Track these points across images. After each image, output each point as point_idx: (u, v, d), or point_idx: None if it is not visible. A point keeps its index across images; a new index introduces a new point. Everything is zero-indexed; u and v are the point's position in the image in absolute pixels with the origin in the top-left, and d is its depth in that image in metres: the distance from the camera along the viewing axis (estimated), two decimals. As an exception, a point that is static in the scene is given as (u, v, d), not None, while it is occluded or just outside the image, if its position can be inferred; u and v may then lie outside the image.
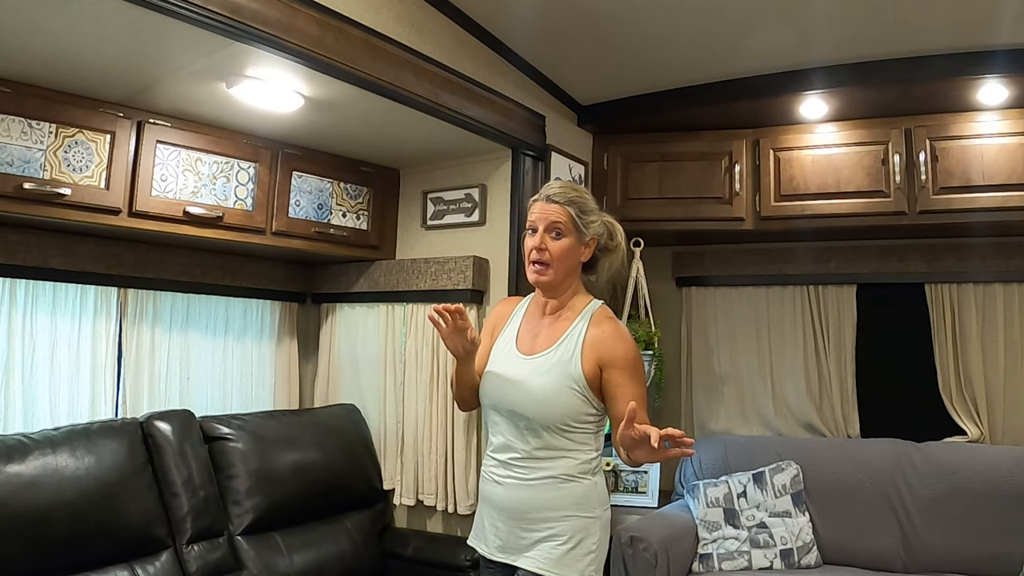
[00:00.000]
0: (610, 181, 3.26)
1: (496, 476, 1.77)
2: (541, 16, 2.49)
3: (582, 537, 1.69)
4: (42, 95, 2.13)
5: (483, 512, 1.83)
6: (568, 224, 1.73)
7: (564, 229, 1.73)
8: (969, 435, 2.99)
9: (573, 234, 1.74)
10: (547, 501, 1.70)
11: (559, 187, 1.77)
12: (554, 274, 1.74)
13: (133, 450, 2.25)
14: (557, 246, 1.73)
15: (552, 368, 1.71)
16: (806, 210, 2.94)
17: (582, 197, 1.77)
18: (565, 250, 1.73)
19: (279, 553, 2.51)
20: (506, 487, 1.74)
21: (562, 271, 1.75)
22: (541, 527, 1.70)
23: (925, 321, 3.12)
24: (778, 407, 3.35)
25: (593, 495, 1.73)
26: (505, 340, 1.84)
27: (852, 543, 2.82)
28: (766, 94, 2.82)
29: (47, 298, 2.46)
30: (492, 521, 1.78)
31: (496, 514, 1.77)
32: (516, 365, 1.77)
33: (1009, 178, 2.65)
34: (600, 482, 1.76)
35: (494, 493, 1.77)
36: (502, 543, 1.75)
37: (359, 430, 3.00)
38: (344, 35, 2.08)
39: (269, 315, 3.17)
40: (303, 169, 2.80)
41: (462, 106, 2.49)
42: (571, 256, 1.75)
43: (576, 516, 1.69)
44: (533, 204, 1.79)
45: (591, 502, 1.72)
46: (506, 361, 1.80)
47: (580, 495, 1.70)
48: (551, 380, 1.70)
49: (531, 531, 1.71)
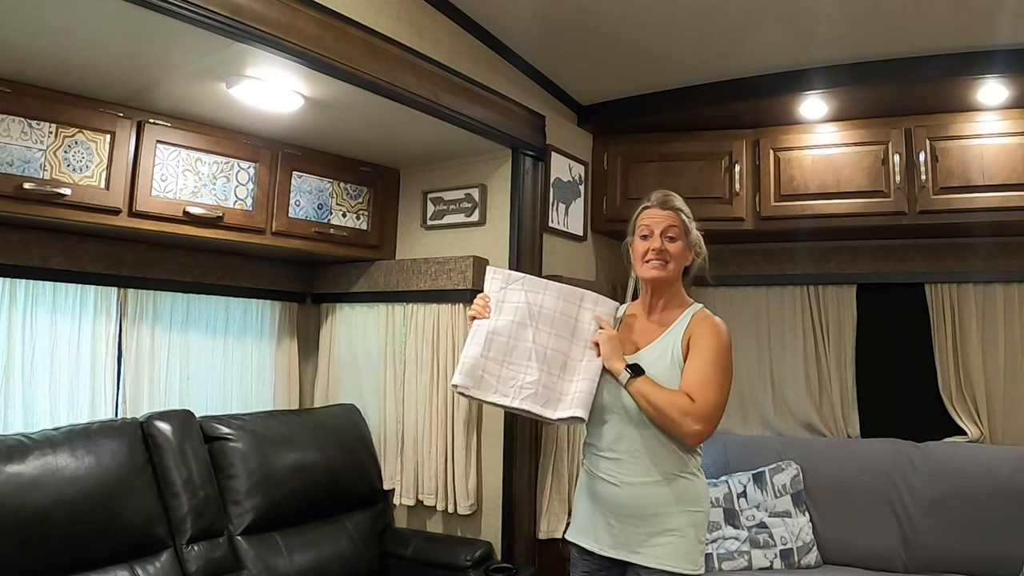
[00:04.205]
0: (610, 181, 3.26)
1: (603, 473, 1.85)
2: (541, 16, 2.49)
3: (694, 531, 1.78)
4: (42, 95, 2.13)
5: (591, 509, 1.89)
6: (680, 229, 1.90)
7: (677, 233, 1.90)
8: (969, 435, 2.99)
9: (683, 238, 1.90)
10: (661, 497, 1.78)
11: (667, 195, 1.94)
12: (671, 270, 1.89)
13: (133, 450, 2.25)
14: (673, 247, 1.89)
15: (660, 356, 1.84)
16: (806, 210, 2.94)
17: (687, 206, 1.94)
18: (679, 251, 1.90)
19: (279, 553, 2.51)
20: (618, 485, 1.82)
21: (675, 270, 1.90)
22: (653, 523, 1.77)
23: (925, 321, 3.13)
24: (778, 407, 3.35)
25: (700, 490, 1.83)
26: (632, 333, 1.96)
27: (852, 543, 2.82)
28: (766, 94, 2.82)
29: (47, 298, 2.46)
30: (605, 519, 1.85)
31: (609, 511, 1.84)
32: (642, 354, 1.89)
33: (1009, 178, 2.65)
34: (703, 478, 1.86)
35: (605, 491, 1.84)
36: (615, 540, 1.83)
37: (359, 430, 3.00)
38: (344, 35, 2.08)
39: (269, 315, 3.17)
40: (303, 169, 2.80)
41: (462, 106, 2.49)
42: (683, 258, 1.91)
43: (687, 511, 1.78)
44: (645, 211, 1.93)
45: (698, 497, 1.81)
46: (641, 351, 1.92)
47: (690, 490, 1.80)
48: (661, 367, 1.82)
49: (646, 527, 1.78)
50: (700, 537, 1.79)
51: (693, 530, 1.77)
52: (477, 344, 1.84)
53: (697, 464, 1.84)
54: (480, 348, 1.82)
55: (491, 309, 1.90)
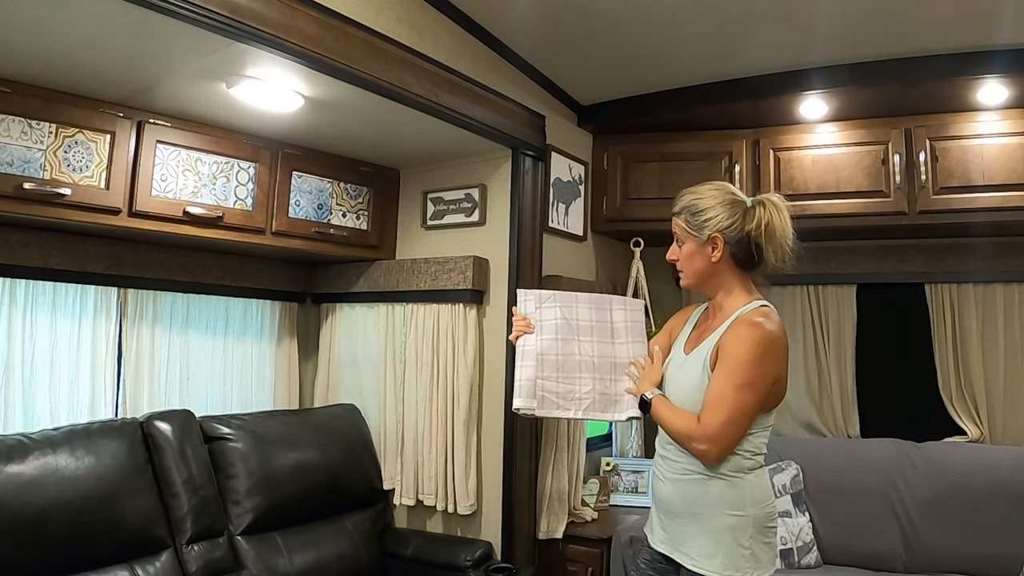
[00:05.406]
0: (610, 181, 3.26)
1: (658, 470, 1.86)
2: (541, 16, 2.49)
3: (732, 535, 1.70)
4: (42, 95, 2.13)
5: (653, 502, 1.92)
6: (682, 232, 1.82)
7: (680, 237, 1.84)
8: (969, 435, 2.99)
9: (690, 239, 1.81)
10: (695, 497, 1.73)
11: (680, 196, 1.85)
12: (686, 279, 1.85)
13: (133, 450, 2.25)
14: (680, 253, 1.84)
15: (693, 365, 1.78)
16: (806, 210, 2.93)
17: (697, 198, 1.80)
18: (687, 256, 1.82)
19: (279, 553, 2.51)
20: (664, 481, 1.82)
21: (692, 275, 1.83)
22: (692, 522, 1.74)
23: (925, 321, 3.12)
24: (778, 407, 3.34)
25: (745, 493, 1.72)
26: (678, 342, 1.93)
27: (852, 543, 2.82)
28: (766, 94, 2.82)
29: (47, 298, 2.46)
30: (658, 513, 1.86)
31: (660, 507, 1.85)
32: (675, 362, 1.87)
33: (1009, 178, 2.65)
34: (754, 480, 1.74)
35: (656, 487, 1.87)
36: (665, 535, 1.82)
37: (359, 430, 3.00)
38: (344, 35, 2.08)
39: (269, 315, 3.18)
40: (303, 169, 2.80)
41: (462, 106, 2.49)
42: (695, 260, 1.81)
43: (726, 513, 1.71)
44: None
45: (741, 500, 1.71)
46: (673, 360, 1.90)
47: (729, 492, 1.72)
48: (690, 377, 1.77)
49: (684, 525, 1.76)
50: (742, 541, 1.68)
51: (731, 533, 1.69)
52: (529, 366, 1.89)
53: (744, 466, 1.72)
54: (534, 370, 1.88)
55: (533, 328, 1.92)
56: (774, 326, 1.71)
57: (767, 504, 1.74)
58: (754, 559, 1.69)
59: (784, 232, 1.77)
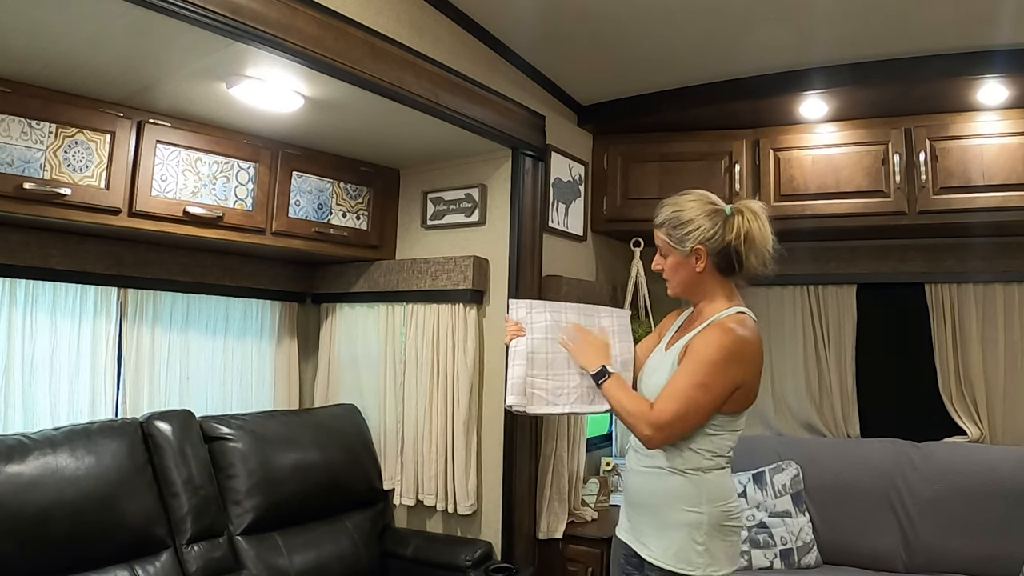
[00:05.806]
0: (610, 181, 3.26)
1: (628, 462, 1.93)
2: (541, 16, 2.49)
3: (688, 531, 1.73)
4: (42, 95, 2.13)
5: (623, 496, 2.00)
6: (665, 245, 1.86)
7: (664, 249, 1.88)
8: (969, 435, 2.99)
9: (674, 252, 1.85)
10: (654, 490, 1.79)
11: (661, 208, 1.87)
12: (672, 288, 1.91)
13: (133, 450, 2.25)
14: (664, 264, 1.89)
15: (665, 361, 1.84)
16: (806, 210, 2.94)
17: (677, 210, 1.83)
18: (671, 267, 1.87)
19: (279, 553, 2.51)
20: (632, 472, 1.88)
21: (678, 284, 1.88)
22: (652, 515, 1.79)
23: (925, 321, 3.12)
24: (778, 407, 3.35)
25: (703, 491, 1.74)
26: (663, 341, 1.97)
27: (852, 543, 2.82)
28: (766, 94, 2.82)
29: (47, 298, 2.46)
30: (624, 505, 1.94)
31: (624, 498, 1.94)
32: (656, 358, 1.93)
33: (1009, 178, 2.65)
34: (713, 479, 1.76)
35: (625, 478, 1.95)
36: (629, 526, 1.88)
37: (359, 430, 3.00)
38: (344, 35, 2.08)
39: (269, 315, 3.18)
40: (303, 169, 2.80)
41: (462, 106, 2.49)
42: (680, 271, 1.86)
43: (682, 509, 1.74)
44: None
45: (698, 497, 1.74)
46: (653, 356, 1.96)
47: (686, 489, 1.75)
48: (660, 371, 1.83)
49: (644, 517, 1.81)
50: (696, 537, 1.71)
51: (687, 529, 1.72)
52: (520, 365, 1.94)
53: (703, 465, 1.75)
54: (524, 368, 1.93)
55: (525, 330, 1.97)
56: (746, 332, 1.76)
57: (725, 503, 1.76)
58: (709, 555, 1.72)
59: (764, 239, 1.81)
